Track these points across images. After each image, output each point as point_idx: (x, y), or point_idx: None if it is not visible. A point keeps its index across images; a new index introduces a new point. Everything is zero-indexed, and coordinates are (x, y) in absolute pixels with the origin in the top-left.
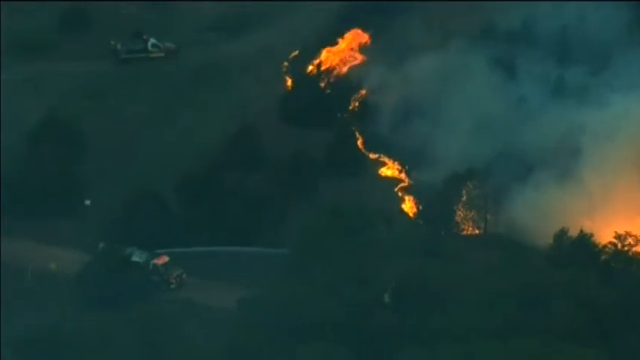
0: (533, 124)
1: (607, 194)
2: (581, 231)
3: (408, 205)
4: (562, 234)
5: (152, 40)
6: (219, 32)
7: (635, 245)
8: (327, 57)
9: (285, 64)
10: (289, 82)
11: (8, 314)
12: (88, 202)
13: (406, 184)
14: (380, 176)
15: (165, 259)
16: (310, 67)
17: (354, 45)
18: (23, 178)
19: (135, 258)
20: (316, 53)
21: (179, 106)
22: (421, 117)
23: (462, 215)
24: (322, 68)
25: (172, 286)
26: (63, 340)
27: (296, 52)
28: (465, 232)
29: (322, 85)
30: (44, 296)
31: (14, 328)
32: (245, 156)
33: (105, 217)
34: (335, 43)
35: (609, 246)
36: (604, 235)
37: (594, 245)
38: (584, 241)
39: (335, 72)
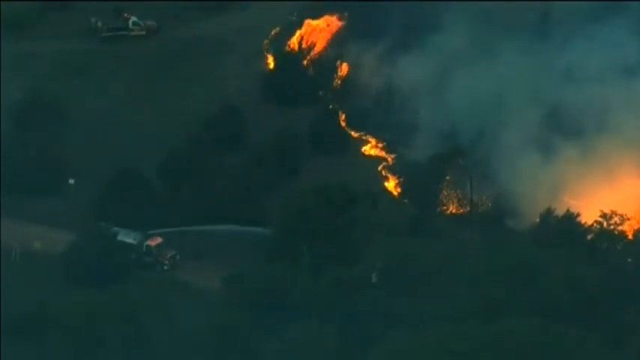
0: (520, 102)
1: (593, 172)
2: (568, 210)
3: (392, 184)
4: (548, 213)
5: (133, 19)
6: (199, 10)
7: (621, 224)
8: (308, 31)
9: (266, 42)
10: (270, 60)
11: None
12: (71, 181)
13: (390, 162)
14: (363, 155)
15: (158, 240)
16: (292, 45)
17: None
18: (6, 156)
19: (128, 239)
20: (297, 31)
21: (161, 85)
22: (404, 95)
23: (446, 194)
24: (304, 46)
25: (165, 267)
26: (48, 318)
27: (277, 30)
28: (450, 211)
29: (304, 62)
30: (30, 275)
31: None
32: (228, 135)
33: (88, 196)
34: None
35: (595, 225)
36: (590, 214)
37: (580, 224)
38: (570, 220)
39: (317, 50)
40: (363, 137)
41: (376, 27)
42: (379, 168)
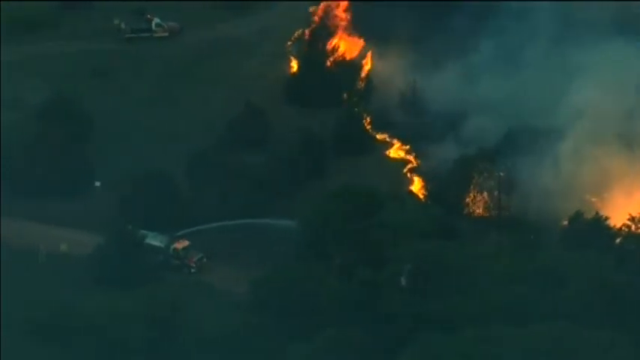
0: (546, 102)
1: (623, 175)
2: (596, 213)
3: (418, 187)
4: (577, 216)
5: (156, 20)
6: (222, 11)
7: None
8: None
9: (289, 43)
10: (294, 62)
11: (20, 295)
12: (98, 184)
13: (414, 165)
14: (388, 157)
15: (185, 243)
16: (315, 46)
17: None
18: (31, 158)
19: (155, 242)
20: (321, 32)
21: (184, 86)
22: (430, 97)
23: (473, 197)
24: (327, 47)
25: (192, 270)
26: (75, 320)
27: (300, 31)
28: (477, 214)
29: (328, 64)
30: (57, 277)
31: (26, 308)
32: (252, 136)
33: (114, 198)
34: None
35: (624, 228)
36: (619, 218)
37: (609, 228)
38: (599, 223)
39: (340, 51)
40: (388, 139)
41: (400, 28)
42: (404, 170)
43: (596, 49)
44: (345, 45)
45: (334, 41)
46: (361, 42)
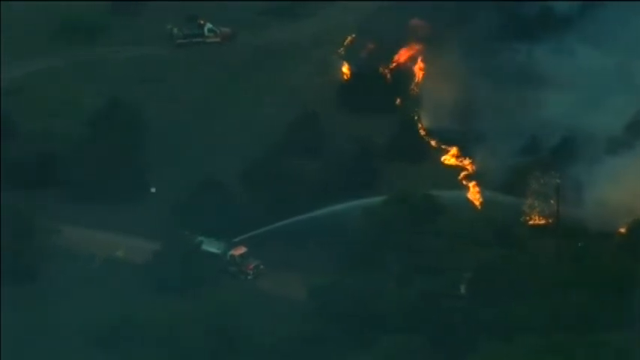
0: (603, 108)
1: None
2: None
3: (474, 194)
4: (637, 223)
5: (208, 25)
6: (272, 16)
7: None
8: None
9: (341, 49)
10: (346, 68)
11: (76, 302)
12: (153, 190)
13: (470, 171)
14: (442, 163)
15: (242, 249)
16: (367, 52)
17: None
18: (85, 164)
19: (212, 248)
20: (373, 38)
21: (237, 92)
22: (487, 102)
23: (531, 204)
24: (380, 52)
25: (249, 277)
26: (133, 327)
27: (352, 37)
28: (534, 222)
29: (381, 70)
30: (113, 284)
31: (83, 316)
32: (306, 142)
33: (169, 204)
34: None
35: None
36: None
37: None
38: None
39: (393, 56)
40: (443, 146)
41: (452, 31)
42: (460, 177)
43: None
44: (399, 50)
45: (387, 46)
46: (415, 46)
